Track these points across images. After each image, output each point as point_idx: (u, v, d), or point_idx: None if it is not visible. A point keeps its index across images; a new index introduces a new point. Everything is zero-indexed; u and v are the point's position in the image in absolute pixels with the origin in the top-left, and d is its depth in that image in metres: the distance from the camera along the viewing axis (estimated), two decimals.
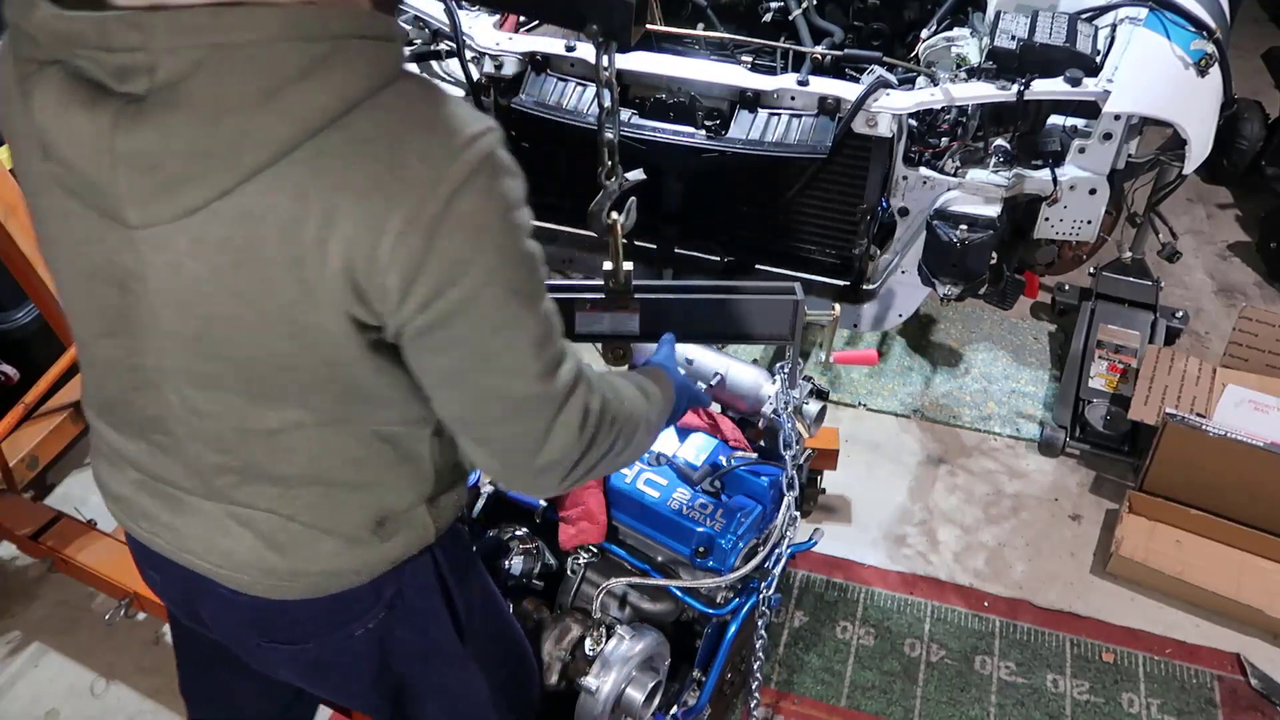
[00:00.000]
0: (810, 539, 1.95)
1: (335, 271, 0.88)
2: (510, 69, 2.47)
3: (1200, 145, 2.23)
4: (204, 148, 0.85)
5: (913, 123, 2.32)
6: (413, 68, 0.98)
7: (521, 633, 1.57)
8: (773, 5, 2.76)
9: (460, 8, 2.46)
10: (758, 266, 2.61)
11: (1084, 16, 2.36)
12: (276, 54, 0.84)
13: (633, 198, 1.47)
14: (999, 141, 2.31)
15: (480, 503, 1.80)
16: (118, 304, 0.98)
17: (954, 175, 2.33)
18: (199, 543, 1.14)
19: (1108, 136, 2.24)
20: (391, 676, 1.35)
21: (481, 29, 2.48)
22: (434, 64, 2.64)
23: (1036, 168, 2.32)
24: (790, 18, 2.73)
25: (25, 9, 0.87)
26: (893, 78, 2.28)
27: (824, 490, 2.59)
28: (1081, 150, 2.28)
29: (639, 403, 1.21)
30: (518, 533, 1.74)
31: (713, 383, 1.83)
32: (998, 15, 2.33)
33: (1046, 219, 2.37)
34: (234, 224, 0.88)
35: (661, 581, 1.67)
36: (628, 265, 1.45)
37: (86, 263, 0.98)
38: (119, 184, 0.88)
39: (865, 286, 2.57)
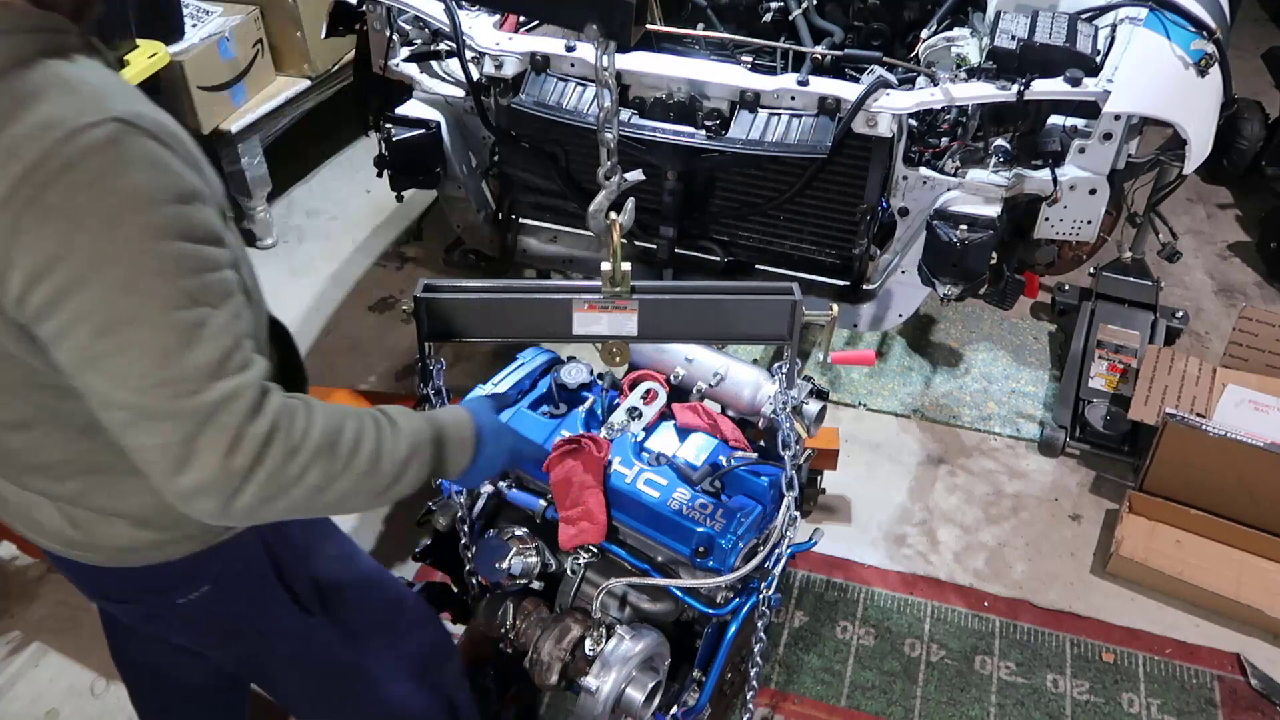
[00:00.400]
0: (810, 539, 1.95)
1: None
2: (510, 69, 2.47)
3: (1200, 145, 2.23)
4: None
5: (913, 123, 2.32)
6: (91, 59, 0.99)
7: (419, 605, 1.59)
8: (773, 5, 2.76)
9: (460, 8, 2.46)
10: (758, 267, 2.61)
11: (1084, 16, 2.36)
12: None
13: (631, 198, 1.47)
14: (999, 141, 2.31)
15: (480, 503, 1.80)
16: None
17: (954, 175, 2.33)
18: (15, 511, 1.23)
19: (1108, 136, 2.23)
20: (246, 645, 1.40)
21: (481, 29, 2.48)
22: (434, 64, 2.65)
23: (1036, 168, 2.32)
24: (790, 18, 2.73)
25: None
26: (893, 78, 2.28)
27: (824, 490, 2.59)
28: (1081, 150, 2.28)
29: (366, 434, 1.10)
30: (518, 533, 1.74)
31: (713, 382, 1.83)
32: (998, 15, 2.33)
33: (1046, 219, 2.37)
34: None
35: (661, 581, 1.67)
36: (626, 265, 1.45)
37: None
38: None
39: (865, 286, 2.57)
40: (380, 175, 2.61)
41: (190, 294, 0.94)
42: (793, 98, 2.33)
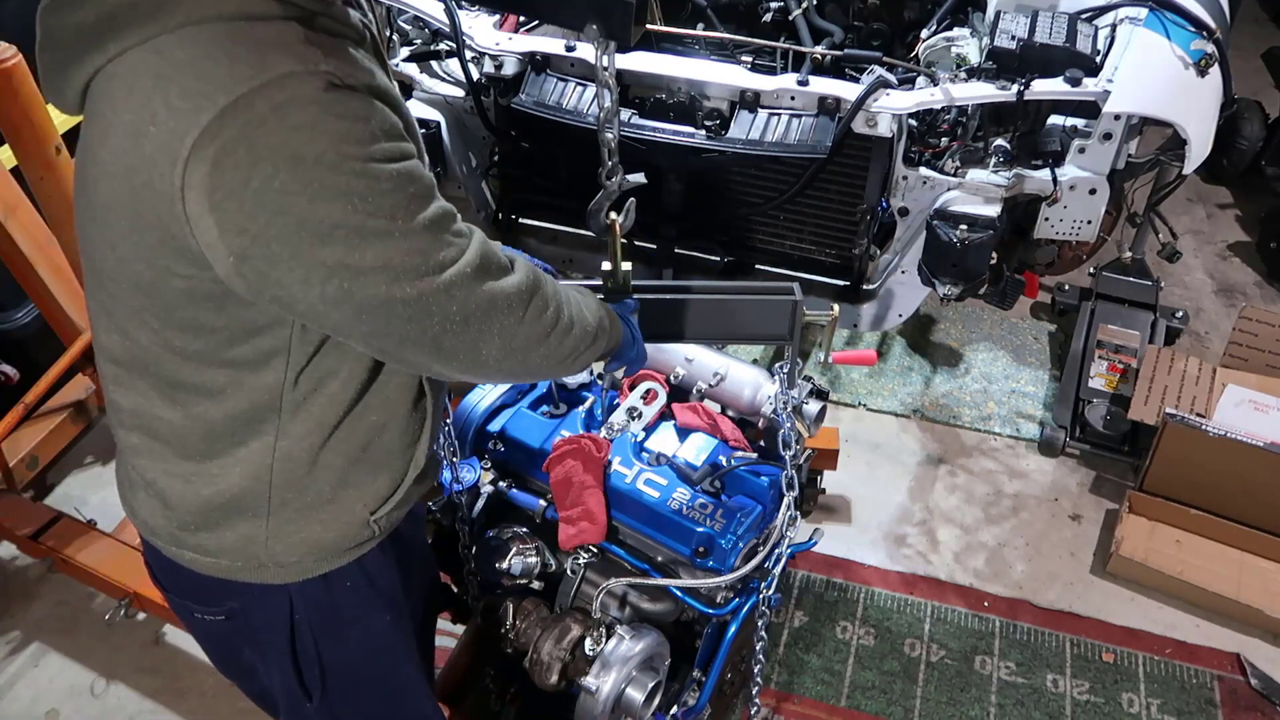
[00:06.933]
0: (810, 539, 1.95)
1: (161, 193, 0.89)
2: (510, 69, 2.47)
3: (1200, 145, 2.23)
4: (74, 32, 0.92)
5: (913, 123, 2.32)
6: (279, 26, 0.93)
7: None
8: (773, 5, 2.76)
9: (460, 8, 2.46)
10: (758, 267, 2.61)
11: (1084, 16, 2.36)
12: None
13: (631, 198, 1.47)
14: (999, 141, 2.31)
15: (480, 503, 1.80)
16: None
17: (954, 175, 2.33)
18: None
19: (1108, 136, 2.23)
20: (245, 685, 1.39)
21: (481, 29, 2.48)
22: (434, 64, 2.65)
23: (1036, 168, 2.32)
24: (790, 18, 2.73)
25: None
26: (893, 78, 2.28)
27: (824, 490, 2.59)
28: (1081, 150, 2.28)
29: (568, 294, 1.19)
30: (518, 532, 1.74)
31: (713, 382, 1.83)
32: (998, 15, 2.33)
33: (1046, 219, 2.37)
34: (95, 126, 0.95)
35: (661, 581, 1.67)
36: (626, 265, 1.45)
37: None
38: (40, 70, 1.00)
39: (865, 286, 2.57)
40: None
41: (395, 209, 0.94)
42: (793, 98, 2.33)
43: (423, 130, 2.55)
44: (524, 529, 1.75)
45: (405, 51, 2.65)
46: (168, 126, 0.87)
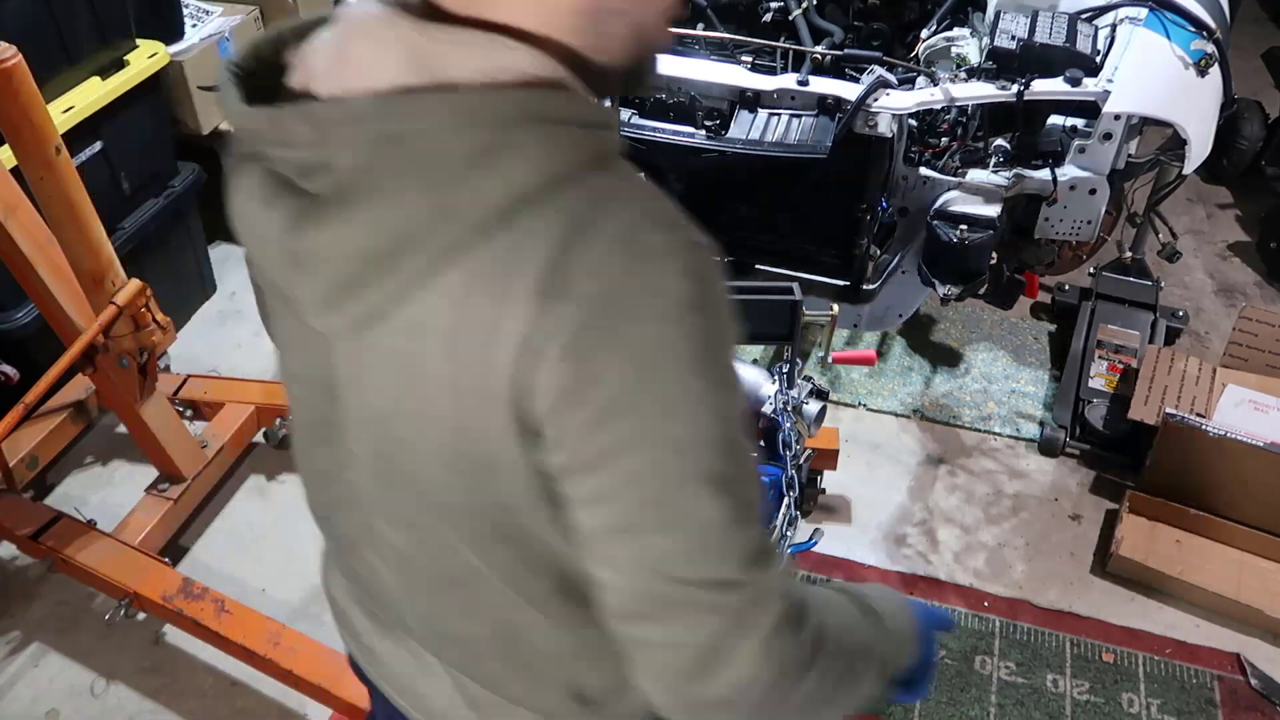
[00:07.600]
0: (810, 539, 1.95)
1: (497, 396, 0.73)
2: None
3: (1200, 145, 2.23)
4: (368, 250, 0.74)
5: (913, 123, 2.32)
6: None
7: None
8: (773, 5, 2.76)
9: None
10: (758, 266, 2.62)
11: (1084, 16, 2.36)
12: (442, 144, 0.71)
13: None
14: (999, 141, 2.31)
15: None
16: (327, 412, 0.87)
17: (954, 175, 2.33)
18: (396, 678, 1.06)
19: (1108, 136, 2.24)
20: None
21: None
22: None
23: (1036, 168, 2.32)
24: (790, 18, 2.73)
25: (226, 101, 0.78)
26: (893, 78, 2.28)
27: (824, 490, 2.59)
28: (1081, 150, 2.28)
29: (857, 626, 0.90)
30: None
31: None
32: (998, 15, 2.33)
33: (1046, 219, 2.37)
34: (404, 336, 0.75)
35: None
36: None
37: (300, 365, 0.90)
38: (297, 288, 0.79)
39: (865, 286, 2.57)
40: None
41: (740, 461, 0.76)
42: (793, 97, 2.33)
43: None
44: None
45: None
46: (514, 321, 0.70)
